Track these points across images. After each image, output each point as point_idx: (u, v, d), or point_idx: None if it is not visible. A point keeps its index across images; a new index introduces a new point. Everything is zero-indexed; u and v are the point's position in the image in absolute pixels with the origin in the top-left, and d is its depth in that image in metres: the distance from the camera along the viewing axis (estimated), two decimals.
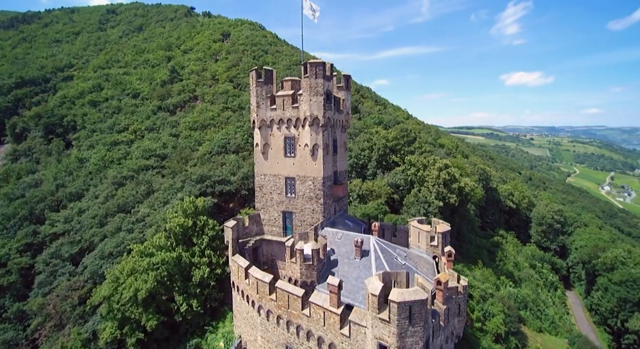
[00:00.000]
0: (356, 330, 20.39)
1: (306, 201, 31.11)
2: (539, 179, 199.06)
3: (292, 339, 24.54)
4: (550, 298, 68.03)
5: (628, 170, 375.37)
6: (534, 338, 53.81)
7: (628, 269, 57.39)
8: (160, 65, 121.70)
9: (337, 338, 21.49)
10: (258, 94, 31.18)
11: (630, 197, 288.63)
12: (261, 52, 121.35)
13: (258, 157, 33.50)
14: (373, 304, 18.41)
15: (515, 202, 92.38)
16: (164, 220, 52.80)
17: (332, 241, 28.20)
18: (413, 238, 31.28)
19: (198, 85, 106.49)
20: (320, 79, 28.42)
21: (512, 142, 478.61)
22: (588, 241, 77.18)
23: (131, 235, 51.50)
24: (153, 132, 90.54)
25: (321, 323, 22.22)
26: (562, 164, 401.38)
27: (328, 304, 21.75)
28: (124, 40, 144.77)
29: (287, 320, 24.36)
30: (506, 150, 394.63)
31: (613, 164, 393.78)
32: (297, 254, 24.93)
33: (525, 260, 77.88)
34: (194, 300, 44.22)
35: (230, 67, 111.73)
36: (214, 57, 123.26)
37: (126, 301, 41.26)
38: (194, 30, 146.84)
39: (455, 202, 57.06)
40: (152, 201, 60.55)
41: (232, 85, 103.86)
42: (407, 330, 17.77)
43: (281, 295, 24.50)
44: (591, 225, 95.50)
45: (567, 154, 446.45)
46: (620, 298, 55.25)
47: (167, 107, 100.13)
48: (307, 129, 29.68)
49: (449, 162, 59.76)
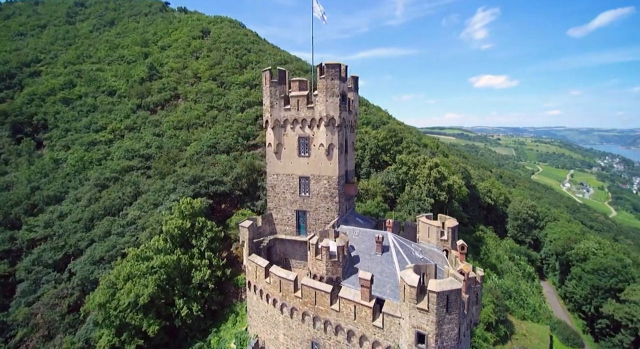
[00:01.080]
0: (389, 321, 21.21)
1: (321, 200, 31.58)
2: (509, 177, 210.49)
3: (319, 335, 24.97)
4: (530, 287, 72.63)
5: (586, 168, 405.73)
6: (520, 325, 57.40)
7: (599, 259, 62.64)
8: (137, 62, 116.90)
9: (368, 330, 22.20)
10: (272, 94, 31.24)
11: (589, 193, 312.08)
12: (244, 50, 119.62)
13: (271, 157, 33.51)
14: (411, 295, 19.30)
15: (493, 199, 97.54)
16: (158, 222, 51.24)
17: (350, 238, 28.87)
18: (422, 233, 32.60)
19: (179, 84, 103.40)
20: (337, 80, 29.00)
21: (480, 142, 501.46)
22: (560, 233, 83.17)
23: (124, 239, 49.48)
24: (134, 132, 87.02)
25: (351, 316, 22.84)
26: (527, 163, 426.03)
27: (359, 298, 22.41)
28: (95, 34, 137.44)
29: (314, 316, 24.75)
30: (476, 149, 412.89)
31: (572, 162, 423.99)
32: (323, 252, 25.37)
33: (505, 253, 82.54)
34: (194, 303, 43.44)
35: (213, 66, 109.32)
36: (195, 54, 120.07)
37: (125, 307, 39.77)
38: (171, 26, 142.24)
39: (445, 199, 59.62)
40: (141, 203, 58.38)
41: (216, 84, 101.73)
42: (444, 318, 18.82)
43: (307, 292, 24.85)
44: (561, 219, 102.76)
45: (530, 153, 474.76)
46: (593, 285, 60.20)
47: (147, 106, 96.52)
48: (323, 129, 30.15)
49: (438, 161, 62.31)
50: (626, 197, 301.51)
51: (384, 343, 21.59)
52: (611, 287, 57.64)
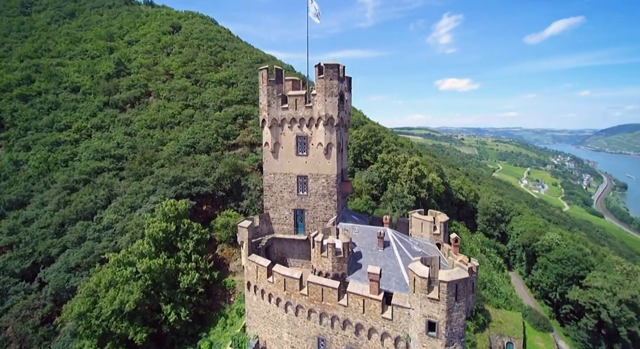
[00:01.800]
0: (399, 312, 22.04)
1: (319, 198, 31.89)
2: (474, 174, 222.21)
3: (326, 331, 25.32)
4: (501, 278, 77.49)
5: (541, 166, 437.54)
6: (495, 313, 61.11)
7: (562, 249, 68.22)
8: (102, 57, 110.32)
9: (377, 323, 22.90)
10: (269, 93, 31.05)
11: (544, 189, 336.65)
12: (218, 48, 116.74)
13: (267, 156, 33.27)
14: (422, 286, 20.22)
15: (464, 196, 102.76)
16: (140, 226, 49.00)
17: (351, 235, 29.46)
18: (415, 229, 33.93)
19: (150, 80, 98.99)
20: (335, 80, 29.47)
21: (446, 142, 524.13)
22: (526, 227, 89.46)
23: (101, 244, 46.81)
24: (102, 131, 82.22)
25: (360, 310, 23.42)
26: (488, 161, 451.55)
27: (368, 292, 23.06)
28: (54, 27, 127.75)
29: (321, 312, 25.05)
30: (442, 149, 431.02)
31: (529, 161, 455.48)
32: (329, 248, 25.74)
33: (477, 246, 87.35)
34: (182, 308, 42.24)
35: (186, 62, 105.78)
36: (165, 50, 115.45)
37: (108, 316, 37.80)
38: (139, 20, 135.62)
39: (425, 196, 62.12)
40: (117, 207, 55.45)
41: (190, 81, 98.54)
42: (454, 306, 19.93)
43: (314, 289, 25.11)
44: (524, 213, 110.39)
45: (491, 152, 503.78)
46: (558, 273, 65.47)
47: (115, 103, 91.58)
48: (322, 129, 30.47)
49: (418, 160, 64.76)
50: (577, 192, 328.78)
51: (393, 334, 22.39)
52: (574, 275, 63.04)
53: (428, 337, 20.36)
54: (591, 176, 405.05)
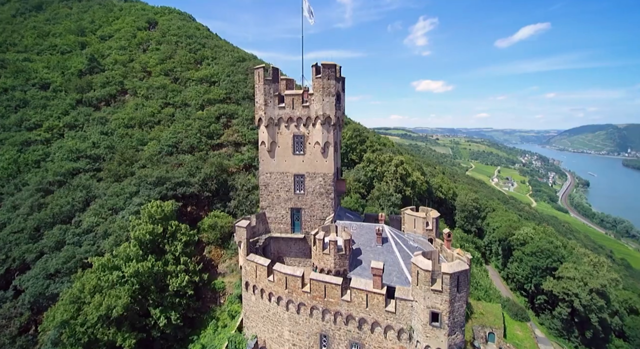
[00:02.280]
0: (402, 305, 22.77)
1: (316, 197, 32.17)
2: (449, 173, 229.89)
3: (328, 327, 25.67)
4: (479, 271, 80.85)
5: (510, 164, 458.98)
6: (476, 305, 63.71)
7: (536, 243, 72.20)
8: (73, 53, 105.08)
9: (380, 316, 23.53)
10: (266, 92, 30.95)
11: (513, 186, 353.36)
12: (198, 45, 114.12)
13: (264, 155, 33.12)
14: (425, 279, 21.03)
15: (444, 193, 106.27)
16: (124, 228, 47.27)
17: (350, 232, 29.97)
18: (408, 225, 34.96)
19: (127, 78, 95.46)
20: (333, 80, 29.86)
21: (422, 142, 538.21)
22: (501, 222, 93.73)
23: (82, 248, 44.72)
24: (76, 130, 78.39)
25: (363, 305, 23.97)
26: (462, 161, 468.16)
27: (371, 287, 23.65)
28: (20, 20, 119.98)
29: (324, 309, 25.39)
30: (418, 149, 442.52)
31: (499, 159, 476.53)
32: (331, 246, 26.09)
33: (457, 242, 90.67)
34: (171, 312, 41.25)
35: (164, 60, 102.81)
36: (142, 46, 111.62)
37: (95, 322, 36.26)
38: (112, 14, 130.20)
39: (410, 194, 63.85)
40: (97, 209, 53.16)
41: (169, 79, 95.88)
42: (455, 296, 20.88)
43: (316, 286, 25.41)
44: (498, 210, 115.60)
45: (464, 151, 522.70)
46: (533, 266, 69.23)
47: (89, 101, 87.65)
48: (319, 128, 30.77)
49: (403, 159, 66.45)
50: (543, 189, 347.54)
51: (397, 326, 23.10)
52: (547, 266, 66.88)
53: (432, 327, 21.20)
54: (556, 174, 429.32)
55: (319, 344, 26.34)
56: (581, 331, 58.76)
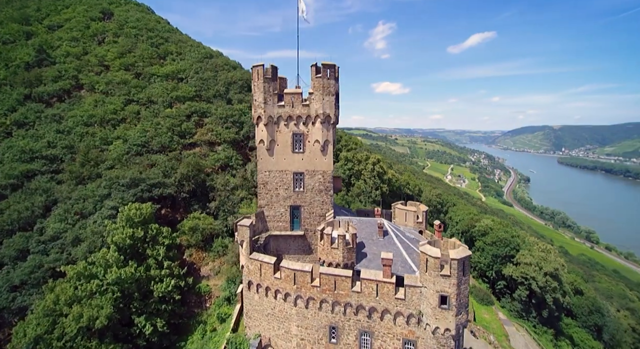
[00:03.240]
0: (411, 292, 24.32)
1: (315, 194, 32.76)
2: (410, 171, 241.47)
3: (338, 318, 26.53)
4: None
5: (461, 163, 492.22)
6: None
7: (496, 233, 79.10)
8: (16, 43, 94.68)
9: (390, 304, 24.89)
10: (266, 90, 30.85)
11: (465, 183, 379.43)
12: (161, 39, 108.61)
13: (262, 154, 32.94)
14: (435, 265, 22.74)
15: (411, 190, 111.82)
16: (98, 234, 44.13)
17: None
18: (399, 218, 36.95)
19: (82, 72, 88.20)
20: (332, 80, 30.69)
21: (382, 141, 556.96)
22: (463, 215, 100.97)
23: (51, 257, 40.96)
24: (26, 128, 71.01)
25: (373, 295, 25.17)
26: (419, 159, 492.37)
27: (381, 276, 24.93)
28: None
29: (334, 302, 26.19)
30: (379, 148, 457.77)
31: (452, 158, 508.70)
32: (340, 240, 26.92)
33: None
34: (156, 319, 39.63)
35: (124, 53, 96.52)
36: (97, 38, 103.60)
37: (74, 335, 33.70)
38: (61, 2, 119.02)
39: (386, 191, 66.71)
40: (61, 214, 48.98)
41: (131, 74, 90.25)
42: (462, 280, 22.86)
43: (326, 280, 26.14)
44: (459, 204, 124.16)
45: (421, 151, 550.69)
46: (493, 254, 75.73)
47: (39, 97, 79.76)
48: (319, 126, 31.40)
49: (380, 157, 69.16)
50: (491, 185, 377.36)
51: (406, 312, 24.62)
52: (506, 254, 73.55)
53: (441, 310, 22.97)
54: (501, 171, 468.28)
55: (328, 335, 27.10)
56: (538, 311, 65.52)
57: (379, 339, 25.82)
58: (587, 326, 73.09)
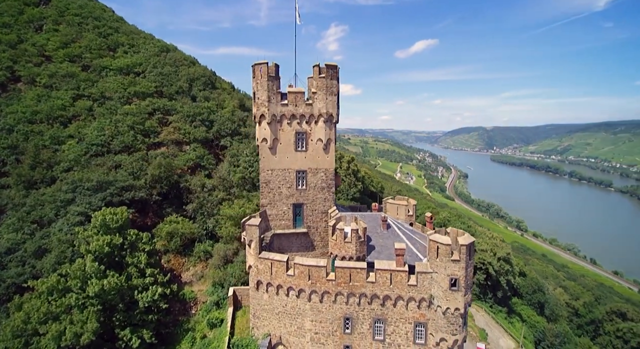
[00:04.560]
0: (422, 278, 26.37)
1: (318, 192, 33.44)
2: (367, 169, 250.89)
3: (352, 309, 27.68)
4: None
5: (409, 161, 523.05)
6: None
7: (453, 224, 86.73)
8: None
9: (403, 291, 26.69)
10: (270, 89, 30.70)
11: (412, 180, 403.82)
12: (109, 29, 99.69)
13: (265, 152, 32.63)
14: (446, 252, 25.03)
15: (375, 187, 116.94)
16: (66, 242, 39.80)
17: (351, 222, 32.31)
18: (391, 212, 39.04)
19: (18, 63, 77.80)
20: (335, 80, 31.69)
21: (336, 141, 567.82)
22: (423, 209, 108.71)
23: (13, 271, 36.04)
24: None
25: (387, 283, 26.76)
26: (371, 158, 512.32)
27: (394, 266, 26.65)
28: None
29: (349, 293, 27.28)
30: None
31: (400, 157, 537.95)
32: (353, 234, 28.01)
33: None
34: (143, 330, 37.30)
35: (68, 43, 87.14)
36: (33, 25, 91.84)
37: None
38: None
39: (360, 188, 69.47)
40: (14, 223, 43.29)
41: (78, 66, 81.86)
42: (468, 263, 25.45)
43: (341, 273, 27.13)
44: (416, 198, 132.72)
45: (372, 150, 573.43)
46: None
47: None
48: (322, 125, 32.13)
49: (353, 156, 71.66)
50: (435, 181, 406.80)
51: (418, 297, 26.63)
52: None
53: (451, 291, 25.33)
54: (443, 168, 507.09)
55: (342, 327, 28.11)
56: (493, 293, 73.33)
57: (392, 325, 27.54)
58: (531, 304, 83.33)
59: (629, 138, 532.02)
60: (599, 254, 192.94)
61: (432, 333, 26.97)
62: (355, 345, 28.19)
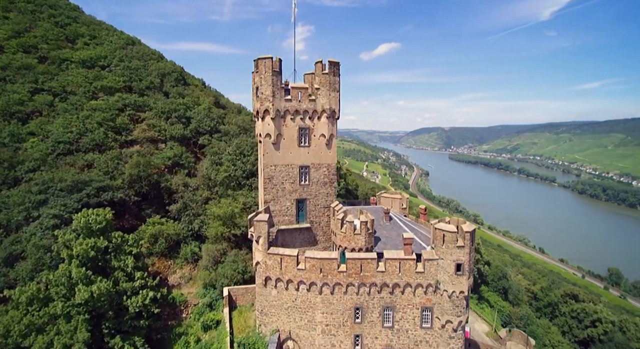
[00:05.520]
0: (429, 265, 27.87)
1: (320, 186, 33.82)
2: None
3: (363, 299, 28.51)
4: None
5: (374, 160, 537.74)
6: None
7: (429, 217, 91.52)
8: None
9: (411, 278, 28.01)
10: (274, 84, 30.51)
11: (378, 178, 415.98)
12: (67, 19, 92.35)
13: (268, 148, 32.32)
14: (452, 239, 26.72)
15: (351, 185, 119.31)
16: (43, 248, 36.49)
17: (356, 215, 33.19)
18: (385, 206, 40.65)
19: None
20: (337, 77, 32.30)
21: None
22: None
23: None
24: None
25: (396, 272, 27.94)
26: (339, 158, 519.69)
27: (403, 255, 27.90)
28: None
29: (359, 283, 28.08)
30: None
31: (366, 156, 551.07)
32: (362, 226, 28.79)
33: None
34: (134, 337, 35.49)
35: (21, 33, 79.46)
36: None
37: None
38: None
39: (343, 185, 70.76)
40: None
41: (34, 57, 74.99)
42: (471, 248, 27.37)
43: (353, 264, 27.85)
44: None
45: (339, 149, 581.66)
46: None
47: None
48: (325, 121, 32.56)
49: None
50: (399, 179, 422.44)
51: (425, 282, 28.09)
52: None
53: (456, 276, 27.09)
54: (407, 167, 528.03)
55: (353, 317, 28.83)
56: None
57: (400, 312, 28.77)
58: (497, 290, 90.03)
59: (569, 138, 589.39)
60: (546, 244, 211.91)
61: (438, 317, 28.60)
62: (366, 333, 29.08)
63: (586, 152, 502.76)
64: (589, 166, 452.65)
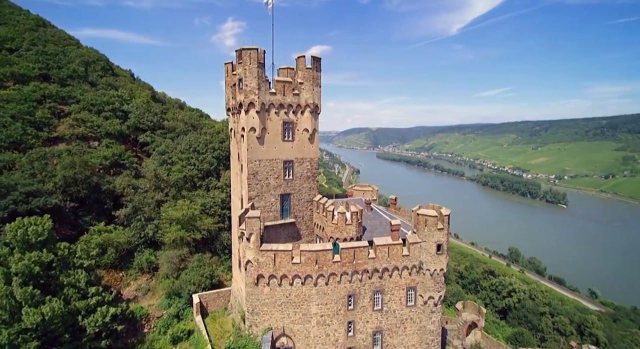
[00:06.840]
0: (414, 247, 30.37)
1: (304, 181, 33.88)
2: None
3: (355, 286, 29.71)
4: None
5: None
6: None
7: None
8: None
9: (399, 261, 30.18)
10: (259, 76, 29.54)
11: None
12: None
13: (252, 142, 31.07)
14: (434, 222, 29.66)
15: None
16: None
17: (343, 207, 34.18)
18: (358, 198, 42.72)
19: None
20: (319, 72, 32.78)
21: None
22: None
23: None
24: None
25: (385, 257, 29.82)
26: None
27: (391, 240, 29.96)
28: None
29: (353, 271, 29.21)
30: None
31: None
32: (353, 217, 29.80)
33: None
34: None
35: None
36: None
37: None
38: None
39: None
40: None
41: None
42: (448, 230, 30.75)
43: (347, 253, 28.84)
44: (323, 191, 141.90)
45: None
46: None
47: None
48: (308, 115, 32.70)
49: None
50: (333, 178, 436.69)
51: (410, 264, 30.52)
52: None
53: (437, 255, 30.13)
54: (339, 165, 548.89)
55: (346, 304, 29.82)
56: None
57: (388, 294, 30.71)
58: None
59: (474, 138, 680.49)
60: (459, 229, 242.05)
61: (421, 294, 31.36)
62: (357, 319, 30.37)
63: (487, 150, 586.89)
64: (489, 162, 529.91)
